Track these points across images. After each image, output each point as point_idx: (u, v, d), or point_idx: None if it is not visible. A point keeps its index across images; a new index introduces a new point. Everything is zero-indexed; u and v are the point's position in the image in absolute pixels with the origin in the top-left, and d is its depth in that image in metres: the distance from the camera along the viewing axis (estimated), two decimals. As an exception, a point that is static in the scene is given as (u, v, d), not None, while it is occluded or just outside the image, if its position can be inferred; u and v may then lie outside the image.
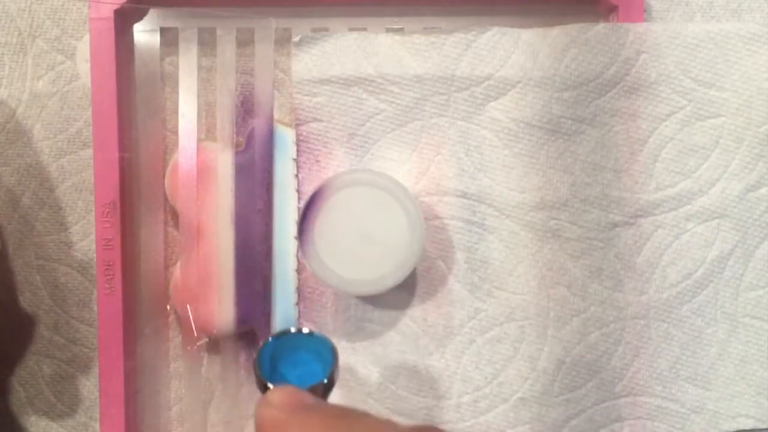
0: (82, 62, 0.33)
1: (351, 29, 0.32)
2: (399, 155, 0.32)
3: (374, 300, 0.32)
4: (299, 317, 0.32)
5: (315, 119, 0.32)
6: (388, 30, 0.32)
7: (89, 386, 0.33)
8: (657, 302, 0.32)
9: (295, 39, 0.32)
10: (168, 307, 0.33)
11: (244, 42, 0.33)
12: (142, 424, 0.33)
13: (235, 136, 0.32)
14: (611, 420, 0.32)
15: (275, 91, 0.33)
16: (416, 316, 0.32)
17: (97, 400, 0.32)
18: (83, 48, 0.33)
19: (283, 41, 0.33)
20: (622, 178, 0.32)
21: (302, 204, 0.30)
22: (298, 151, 0.32)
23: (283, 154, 0.32)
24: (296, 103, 0.32)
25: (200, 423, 0.33)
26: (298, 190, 0.32)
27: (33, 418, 0.33)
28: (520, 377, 0.32)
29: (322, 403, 0.23)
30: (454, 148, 0.32)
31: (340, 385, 0.32)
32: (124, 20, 0.32)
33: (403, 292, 0.32)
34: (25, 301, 0.33)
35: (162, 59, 0.33)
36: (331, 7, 0.32)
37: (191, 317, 0.32)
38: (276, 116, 0.33)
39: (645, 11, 0.33)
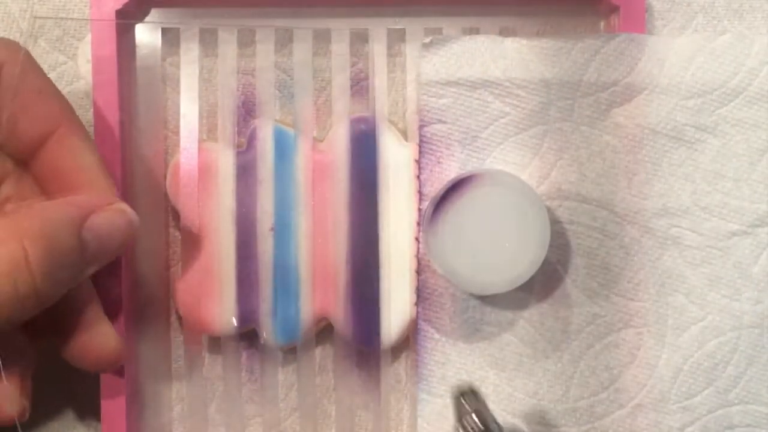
0: (84, 63, 0.33)
1: (352, 30, 0.32)
2: (521, 159, 0.32)
3: (492, 302, 0.32)
4: (417, 318, 0.32)
5: (439, 121, 0.32)
6: (501, 31, 0.32)
7: (91, 386, 0.33)
8: None
9: (426, 40, 0.32)
10: (170, 307, 0.33)
11: (246, 42, 0.33)
12: (144, 424, 0.33)
13: (236, 136, 0.33)
14: (724, 428, 0.32)
15: (276, 92, 0.33)
16: (533, 319, 0.32)
17: (99, 400, 0.32)
18: (85, 48, 0.33)
19: (284, 42, 0.33)
20: (742, 188, 0.32)
21: (429, 204, 0.31)
22: (420, 152, 0.32)
23: (284, 155, 0.32)
24: (422, 104, 0.32)
25: (201, 423, 0.33)
26: (419, 192, 0.32)
27: (35, 418, 0.33)
28: (638, 384, 0.32)
29: None
30: (576, 153, 0.32)
31: (452, 384, 0.32)
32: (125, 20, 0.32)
33: (521, 296, 0.32)
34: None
35: (163, 59, 0.33)
36: (332, 8, 0.32)
37: (192, 317, 0.32)
38: (277, 117, 0.33)
39: (646, 11, 0.33)
